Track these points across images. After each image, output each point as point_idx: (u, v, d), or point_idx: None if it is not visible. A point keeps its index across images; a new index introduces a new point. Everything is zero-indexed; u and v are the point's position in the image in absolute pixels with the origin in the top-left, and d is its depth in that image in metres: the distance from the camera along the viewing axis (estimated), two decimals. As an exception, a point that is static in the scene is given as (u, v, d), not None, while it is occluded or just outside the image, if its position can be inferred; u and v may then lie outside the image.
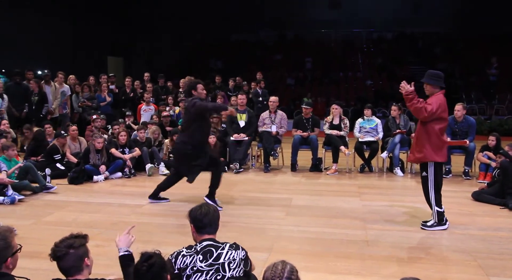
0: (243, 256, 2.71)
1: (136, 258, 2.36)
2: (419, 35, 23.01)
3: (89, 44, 19.05)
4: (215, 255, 2.62)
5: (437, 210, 4.83)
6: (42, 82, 9.81)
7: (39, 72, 13.90)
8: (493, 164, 7.05)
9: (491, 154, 7.35)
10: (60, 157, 7.70)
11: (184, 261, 2.60)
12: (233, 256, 2.65)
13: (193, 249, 2.65)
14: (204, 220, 2.75)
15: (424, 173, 4.85)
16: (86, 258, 2.40)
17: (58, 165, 7.58)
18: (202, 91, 5.69)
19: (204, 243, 2.68)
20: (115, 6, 20.26)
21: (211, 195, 5.78)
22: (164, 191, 6.04)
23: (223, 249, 2.66)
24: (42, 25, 16.85)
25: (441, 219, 4.85)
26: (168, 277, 2.33)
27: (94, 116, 9.04)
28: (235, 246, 2.72)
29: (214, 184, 5.81)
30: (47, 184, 6.58)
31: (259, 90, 11.45)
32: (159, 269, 2.26)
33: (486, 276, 3.67)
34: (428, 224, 4.90)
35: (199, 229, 2.77)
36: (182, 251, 2.66)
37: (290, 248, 4.34)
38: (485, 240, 4.54)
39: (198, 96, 5.63)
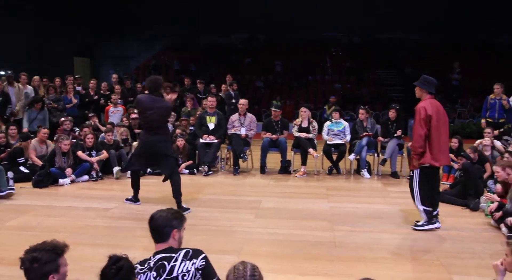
0: (201, 265, 2.51)
1: (104, 262, 2.31)
2: (386, 40, 23.51)
3: (55, 44, 18.61)
4: (168, 269, 2.47)
5: (424, 209, 4.92)
6: (5, 83, 9.52)
7: (2, 73, 13.49)
8: (456, 165, 7.27)
9: (453, 156, 7.57)
10: (23, 160, 7.50)
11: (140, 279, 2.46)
12: (187, 267, 2.48)
13: (146, 265, 2.50)
14: (150, 224, 2.62)
15: (411, 173, 5.01)
16: (51, 276, 2.21)
17: (21, 168, 7.38)
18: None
19: (157, 256, 2.53)
20: (82, 6, 19.89)
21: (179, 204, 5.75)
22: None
23: (176, 260, 2.50)
24: (5, 24, 16.38)
25: (430, 218, 4.95)
26: None
27: (63, 118, 8.85)
28: (190, 255, 2.53)
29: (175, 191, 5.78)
30: (9, 187, 6.39)
31: (232, 92, 11.49)
32: (127, 273, 2.20)
33: (448, 275, 3.78)
34: (418, 224, 4.99)
35: (152, 237, 2.64)
36: (137, 267, 2.50)
37: (259, 250, 4.36)
38: (448, 240, 4.68)
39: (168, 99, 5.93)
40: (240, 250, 4.32)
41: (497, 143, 7.88)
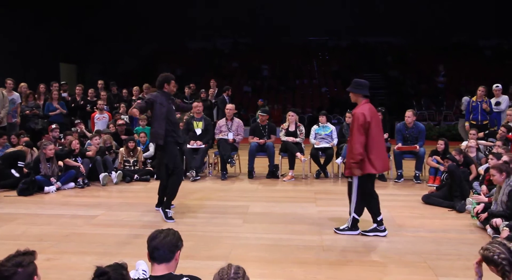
0: None
1: (90, 270, 2.26)
2: (372, 44, 23.71)
3: (41, 50, 18.43)
4: None
5: (353, 217, 4.91)
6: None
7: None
8: (442, 168, 7.34)
9: (439, 159, 7.64)
10: (22, 164, 7.49)
11: None
12: None
13: None
14: (151, 244, 2.49)
15: (349, 179, 4.95)
16: (35, 276, 2.28)
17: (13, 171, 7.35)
18: (174, 87, 5.79)
19: None
20: (68, 11, 19.73)
21: (160, 203, 5.75)
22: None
23: None
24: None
25: (353, 226, 4.94)
26: None
27: (53, 126, 8.77)
28: None
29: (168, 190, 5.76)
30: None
31: (226, 97, 11.59)
32: None
33: (435, 276, 3.81)
34: (341, 227, 5.00)
35: (149, 256, 2.51)
36: None
37: (247, 255, 4.35)
38: (434, 242, 4.71)
39: (168, 91, 5.69)
40: (228, 255, 4.30)
41: (482, 144, 8.00)
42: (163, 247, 2.47)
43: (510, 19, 19.92)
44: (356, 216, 4.92)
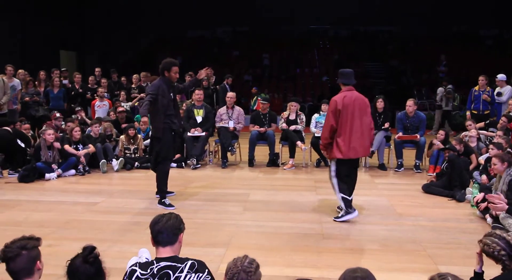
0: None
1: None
2: (372, 33, 23.58)
3: (41, 37, 18.34)
4: (172, 279, 2.37)
5: (342, 197, 4.96)
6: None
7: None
8: (440, 145, 7.36)
9: (440, 143, 7.61)
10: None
11: None
12: None
13: (149, 271, 2.38)
14: (154, 228, 2.51)
15: (329, 163, 5.19)
16: (38, 261, 2.31)
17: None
18: (175, 74, 5.50)
19: (162, 264, 2.41)
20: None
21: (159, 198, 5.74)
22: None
23: (181, 271, 2.38)
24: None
25: (348, 206, 4.97)
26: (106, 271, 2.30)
27: (57, 114, 8.75)
28: (195, 269, 2.41)
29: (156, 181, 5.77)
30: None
31: (227, 86, 11.56)
32: (100, 262, 2.26)
33: (434, 265, 3.83)
34: (339, 215, 5.05)
35: (153, 240, 2.53)
36: (136, 270, 2.39)
37: (247, 243, 4.37)
38: (434, 231, 4.73)
39: (169, 78, 5.47)
40: (229, 243, 4.33)
41: (483, 134, 7.99)
42: (167, 230, 2.50)
43: (511, 8, 19.79)
44: (345, 196, 4.96)
